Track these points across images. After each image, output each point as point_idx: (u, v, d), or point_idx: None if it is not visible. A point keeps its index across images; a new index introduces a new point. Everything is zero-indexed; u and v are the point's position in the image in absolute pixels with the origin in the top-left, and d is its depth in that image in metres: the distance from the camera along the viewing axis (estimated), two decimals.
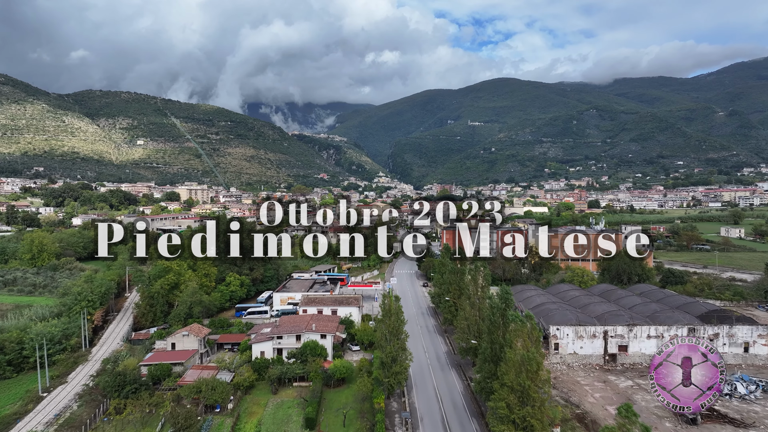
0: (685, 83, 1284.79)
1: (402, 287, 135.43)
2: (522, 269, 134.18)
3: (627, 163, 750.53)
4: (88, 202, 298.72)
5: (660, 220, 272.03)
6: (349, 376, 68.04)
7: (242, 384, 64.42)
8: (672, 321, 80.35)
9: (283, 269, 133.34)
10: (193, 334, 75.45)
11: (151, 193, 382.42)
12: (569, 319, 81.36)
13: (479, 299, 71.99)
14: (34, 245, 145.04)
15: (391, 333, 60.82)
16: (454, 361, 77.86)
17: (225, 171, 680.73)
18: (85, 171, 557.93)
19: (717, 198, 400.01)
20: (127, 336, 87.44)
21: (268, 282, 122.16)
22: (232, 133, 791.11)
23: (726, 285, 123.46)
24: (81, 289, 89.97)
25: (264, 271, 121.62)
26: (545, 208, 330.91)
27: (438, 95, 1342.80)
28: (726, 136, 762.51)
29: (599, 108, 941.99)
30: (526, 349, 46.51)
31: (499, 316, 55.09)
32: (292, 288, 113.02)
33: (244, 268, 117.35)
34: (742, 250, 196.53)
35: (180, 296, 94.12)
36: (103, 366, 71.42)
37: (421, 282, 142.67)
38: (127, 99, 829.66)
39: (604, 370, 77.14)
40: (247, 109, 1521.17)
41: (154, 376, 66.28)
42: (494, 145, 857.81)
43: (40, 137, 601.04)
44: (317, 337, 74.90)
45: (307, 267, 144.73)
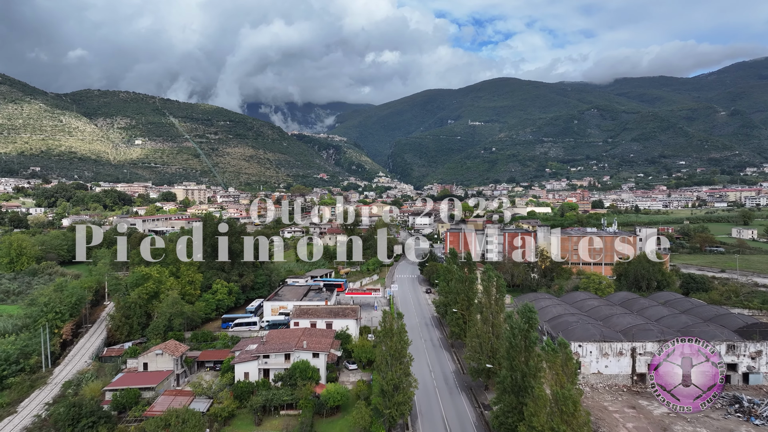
0: (686, 83, 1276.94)
1: (404, 294, 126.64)
2: (531, 274, 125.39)
3: (629, 162, 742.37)
4: (81, 203, 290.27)
5: (667, 221, 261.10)
6: (344, 404, 59.26)
7: (220, 414, 55.64)
8: (707, 336, 71.46)
9: (276, 275, 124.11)
10: (167, 352, 66.55)
11: (147, 193, 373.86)
12: (592, 334, 72.58)
13: (493, 314, 63.17)
14: (13, 248, 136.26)
15: (392, 356, 52.02)
16: (464, 383, 68.98)
17: (224, 171, 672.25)
18: (83, 171, 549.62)
19: (722, 198, 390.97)
20: (98, 352, 78.49)
21: (260, 289, 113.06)
22: (231, 132, 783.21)
23: (752, 292, 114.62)
24: (48, 299, 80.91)
25: (255, 277, 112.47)
26: (548, 208, 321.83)
27: (438, 95, 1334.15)
28: (728, 136, 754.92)
29: (600, 108, 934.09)
30: (560, 385, 37.74)
31: (522, 339, 46.38)
32: (284, 296, 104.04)
33: (232, 274, 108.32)
34: (758, 253, 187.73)
35: (159, 306, 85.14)
36: (62, 391, 62.57)
37: (423, 288, 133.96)
38: (126, 98, 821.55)
39: (633, 393, 68.39)
40: (246, 109, 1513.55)
41: (120, 403, 57.52)
42: (495, 144, 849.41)
43: (37, 137, 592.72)
44: (309, 356, 66.07)
45: (302, 272, 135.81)
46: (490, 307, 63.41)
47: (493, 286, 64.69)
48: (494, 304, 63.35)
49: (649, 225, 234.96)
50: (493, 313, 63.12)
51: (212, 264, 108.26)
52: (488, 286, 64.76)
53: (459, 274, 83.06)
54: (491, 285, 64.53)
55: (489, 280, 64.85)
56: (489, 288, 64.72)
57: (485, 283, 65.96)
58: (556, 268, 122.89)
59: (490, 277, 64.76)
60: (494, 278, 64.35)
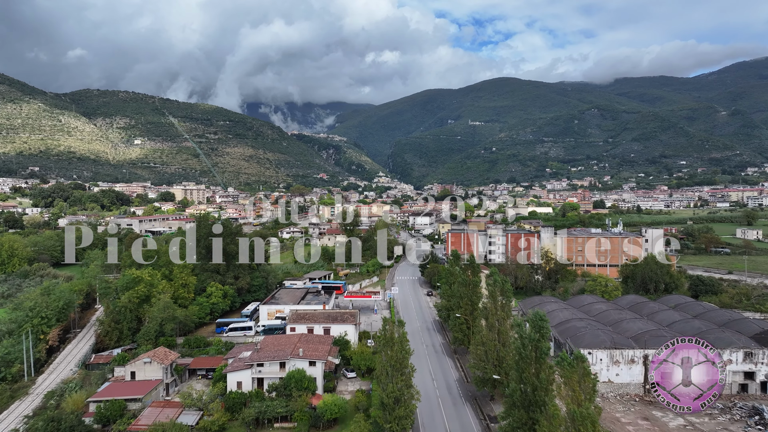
0: (686, 83, 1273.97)
1: (404, 296, 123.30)
2: (535, 276, 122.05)
3: (629, 162, 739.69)
4: (78, 203, 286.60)
5: (670, 221, 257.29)
6: (342, 416, 55.98)
7: (210, 428, 52.33)
8: (723, 343, 68.25)
9: (273, 277, 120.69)
10: (156, 360, 63.26)
11: (146, 193, 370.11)
12: (602, 341, 69.31)
13: (499, 320, 59.86)
14: (4, 249, 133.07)
15: (393, 367, 48.75)
16: (468, 393, 65.68)
17: (223, 171, 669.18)
18: (81, 171, 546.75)
19: (724, 198, 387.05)
20: (85, 359, 75.19)
21: (256, 292, 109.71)
22: (231, 132, 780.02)
23: (763, 294, 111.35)
24: (34, 303, 77.57)
25: (251, 280, 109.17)
26: (549, 208, 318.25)
27: (438, 95, 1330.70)
28: (729, 136, 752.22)
29: (600, 107, 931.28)
30: (577, 403, 34.47)
31: (532, 350, 43.10)
32: (281, 299, 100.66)
33: (228, 277, 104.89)
34: (764, 254, 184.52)
35: (150, 311, 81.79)
36: (44, 402, 59.31)
37: (425, 290, 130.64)
38: (125, 98, 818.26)
39: (646, 403, 65.12)
40: (246, 109, 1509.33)
41: (103, 416, 54.21)
42: (495, 144, 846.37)
43: (36, 136, 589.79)
44: (305, 364, 62.77)
45: (300, 274, 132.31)
46: (496, 313, 60.09)
47: (499, 290, 61.37)
48: (500, 310, 60.02)
49: (651, 225, 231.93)
50: (500, 320, 59.80)
51: (207, 266, 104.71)
52: (494, 291, 61.44)
53: (462, 277, 79.61)
54: (497, 289, 61.22)
55: (495, 285, 61.51)
56: (494, 292, 61.40)
57: (491, 287, 62.64)
58: (560, 270, 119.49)
59: (495, 281, 61.42)
60: (500, 282, 61.02)
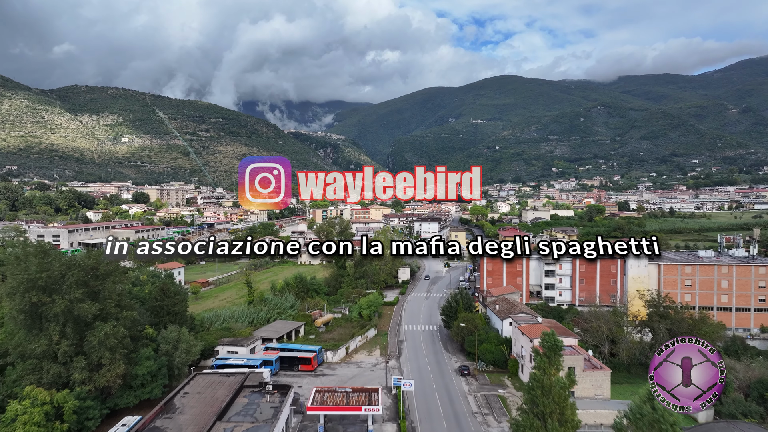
0: (691, 80, 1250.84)
1: (421, 377, 67.06)
2: (637, 335, 73.60)
3: (639, 161, 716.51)
4: (28, 205, 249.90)
5: (722, 228, 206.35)
6: None
7: None
8: None
9: (200, 339, 67.02)
10: None
11: (119, 193, 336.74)
12: None
13: None
14: None
15: None
16: None
17: (214, 170, 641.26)
18: (63, 170, 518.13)
19: (759, 199, 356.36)
20: None
21: (144, 387, 52.31)
22: (224, 130, 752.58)
23: None
24: None
25: (133, 366, 51.35)
26: (570, 211, 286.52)
27: (439, 93, 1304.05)
28: (741, 134, 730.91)
29: (606, 105, 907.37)
30: None
31: None
32: (181, 408, 45.84)
33: (75, 368, 46.92)
34: None
35: None
36: None
37: (455, 362, 74.01)
38: (114, 95, 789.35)
39: None
40: (242, 107, 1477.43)
41: None
42: (498, 143, 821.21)
43: (16, 134, 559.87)
44: None
45: (248, 330, 79.95)
46: None
47: None
48: None
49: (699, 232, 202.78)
50: None
51: (30, 349, 46.74)
52: None
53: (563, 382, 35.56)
54: None
55: None
56: None
57: None
58: (681, 322, 69.06)
59: None
60: None
